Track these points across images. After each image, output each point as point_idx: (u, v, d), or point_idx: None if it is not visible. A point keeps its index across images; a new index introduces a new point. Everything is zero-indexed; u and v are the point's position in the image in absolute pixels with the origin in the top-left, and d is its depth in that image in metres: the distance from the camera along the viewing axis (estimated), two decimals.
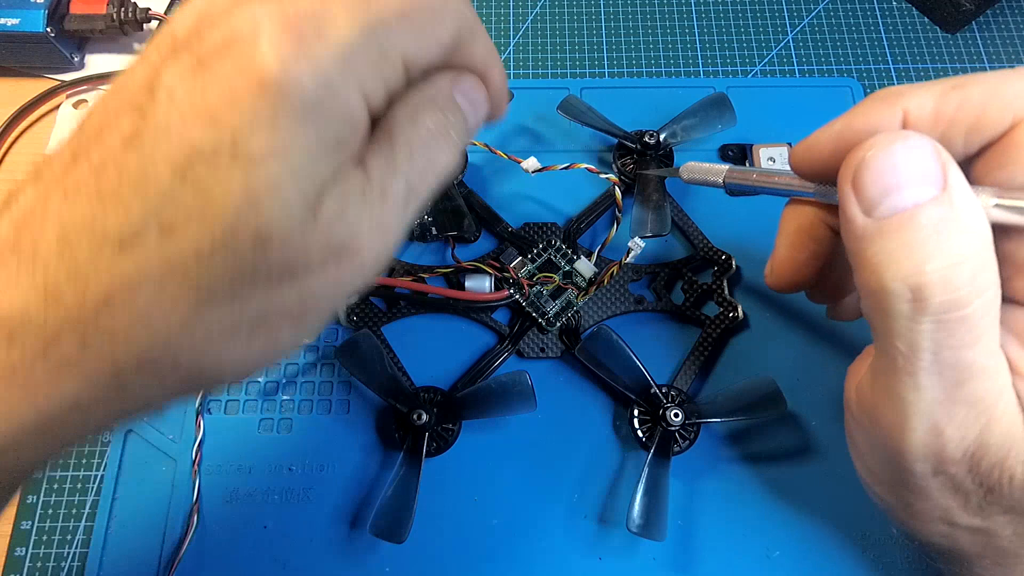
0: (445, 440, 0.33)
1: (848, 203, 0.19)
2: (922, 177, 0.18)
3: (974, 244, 0.18)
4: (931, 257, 0.18)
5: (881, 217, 0.18)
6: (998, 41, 0.46)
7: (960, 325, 0.18)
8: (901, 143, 0.18)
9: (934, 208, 0.18)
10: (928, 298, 0.18)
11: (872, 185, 0.18)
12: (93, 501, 0.34)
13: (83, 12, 0.43)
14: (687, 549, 0.33)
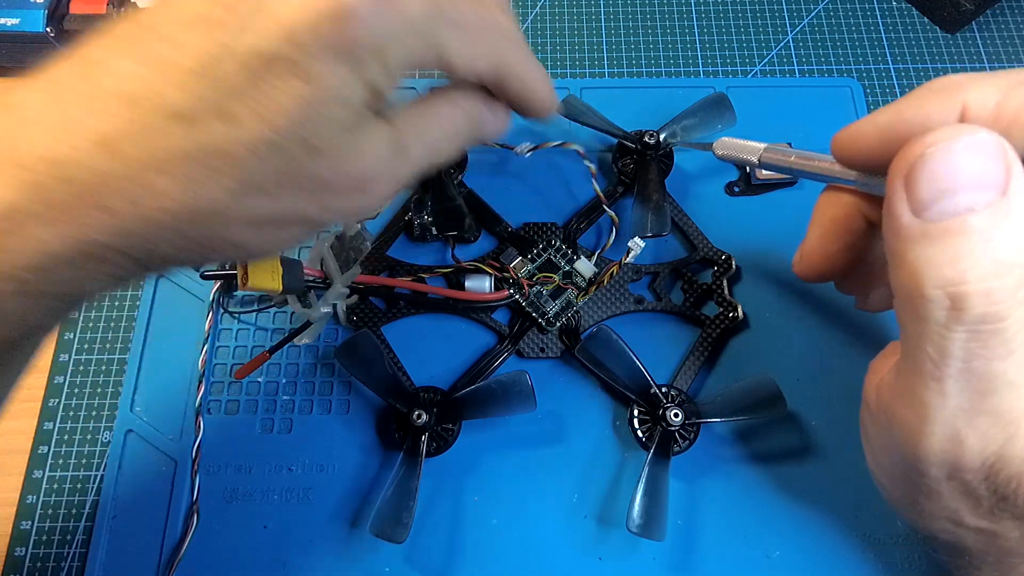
0: (445, 440, 0.33)
1: (896, 200, 0.18)
2: (982, 180, 0.17)
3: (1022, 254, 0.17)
4: (976, 267, 0.17)
5: (930, 220, 0.17)
6: (998, 41, 0.46)
7: (995, 337, 0.17)
8: (967, 139, 0.17)
9: (988, 215, 0.17)
10: (967, 309, 0.17)
11: (926, 185, 0.17)
12: (93, 501, 0.34)
13: (83, 12, 0.43)
14: (687, 549, 0.33)
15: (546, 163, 0.40)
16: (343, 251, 0.34)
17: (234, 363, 0.36)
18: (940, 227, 0.17)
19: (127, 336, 0.37)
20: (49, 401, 0.36)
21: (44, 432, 0.35)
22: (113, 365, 0.37)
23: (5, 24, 0.41)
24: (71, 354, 0.37)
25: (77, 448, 0.35)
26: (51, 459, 0.35)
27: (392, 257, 0.38)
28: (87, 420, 0.36)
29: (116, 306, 0.38)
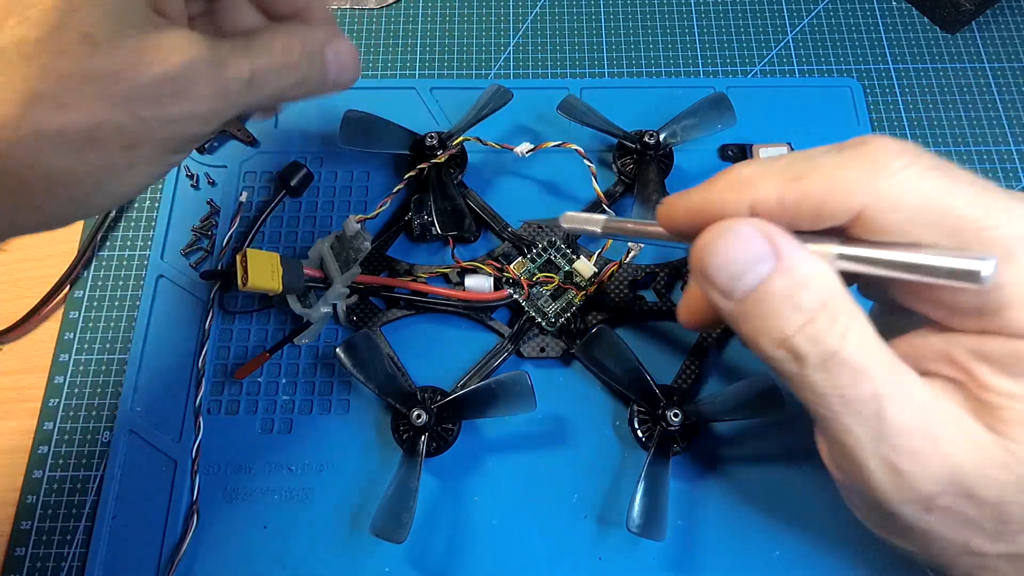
0: (445, 440, 0.33)
1: (710, 294, 0.21)
2: (756, 257, 0.20)
3: (822, 295, 0.19)
4: (789, 321, 0.19)
5: (740, 299, 0.20)
6: (998, 41, 0.46)
7: (842, 366, 0.19)
8: (724, 237, 0.20)
9: (778, 279, 0.19)
10: (804, 355, 0.19)
11: (719, 277, 0.20)
12: (93, 501, 0.34)
13: None
14: (687, 549, 0.33)
15: (546, 163, 0.40)
16: (343, 251, 0.35)
17: (234, 363, 0.36)
18: (748, 302, 0.20)
19: (127, 336, 0.37)
20: (49, 401, 0.36)
21: (44, 432, 0.35)
22: (113, 365, 0.37)
23: None
24: (71, 354, 0.37)
25: (77, 448, 0.35)
26: (51, 459, 0.35)
27: (392, 257, 0.38)
28: (87, 420, 0.36)
29: (116, 306, 0.38)
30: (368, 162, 0.41)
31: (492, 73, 0.44)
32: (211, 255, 0.39)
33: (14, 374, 0.37)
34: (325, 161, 0.41)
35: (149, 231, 0.40)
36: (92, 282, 0.39)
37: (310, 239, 0.39)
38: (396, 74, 0.44)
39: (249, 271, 0.31)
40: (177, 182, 0.40)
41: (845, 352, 0.19)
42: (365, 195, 0.40)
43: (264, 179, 0.41)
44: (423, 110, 0.42)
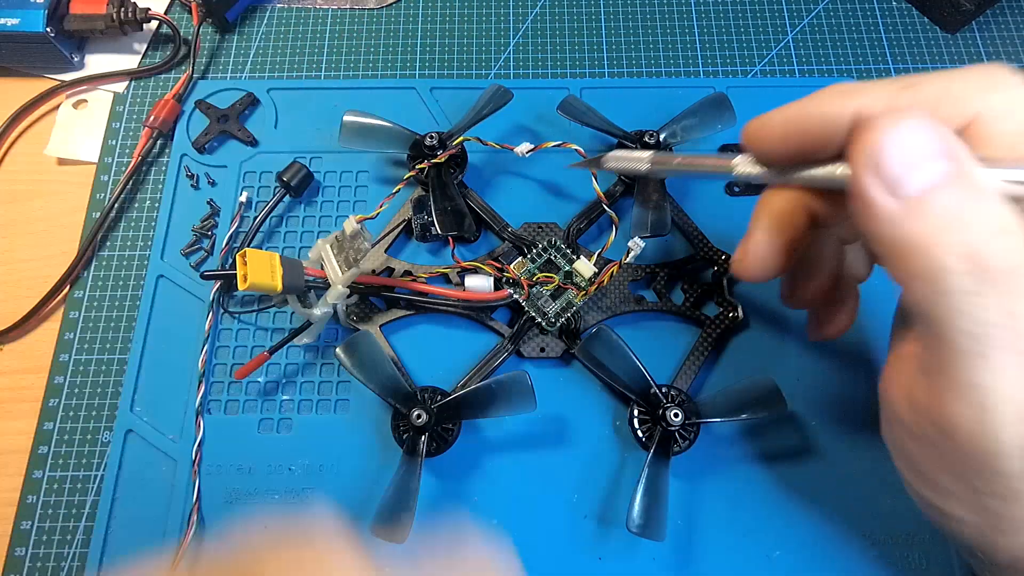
0: (445, 440, 0.33)
1: (870, 189, 0.18)
2: (938, 151, 0.18)
3: (1009, 213, 0.18)
4: (982, 228, 0.17)
5: (912, 196, 0.18)
6: (998, 41, 0.46)
7: (1010, 276, 0.17)
8: (908, 125, 0.18)
9: (962, 181, 0.18)
10: (992, 267, 0.17)
11: (891, 167, 0.18)
12: (93, 501, 0.34)
13: (83, 12, 0.43)
14: (687, 549, 0.33)
15: (546, 163, 0.40)
16: (343, 251, 0.34)
17: (234, 363, 0.36)
18: (924, 200, 0.18)
19: (127, 336, 0.37)
20: (49, 401, 0.36)
21: (44, 432, 0.35)
22: (113, 365, 0.37)
23: (5, 24, 0.41)
24: (71, 354, 0.37)
25: (77, 448, 0.35)
26: (51, 459, 0.35)
27: (392, 257, 0.38)
28: (87, 420, 0.36)
29: (116, 306, 0.38)
30: (368, 162, 0.41)
31: (492, 73, 0.44)
32: (211, 255, 0.39)
33: (14, 374, 0.37)
34: (325, 161, 0.41)
35: (149, 231, 0.40)
36: (92, 282, 0.39)
37: (310, 239, 0.39)
38: (396, 74, 0.44)
39: (249, 271, 0.31)
40: (177, 182, 0.40)
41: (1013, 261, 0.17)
42: (365, 195, 0.40)
43: (264, 179, 0.41)
44: (423, 110, 0.42)
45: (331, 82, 0.44)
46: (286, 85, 0.43)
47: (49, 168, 0.42)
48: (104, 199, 0.41)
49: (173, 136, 0.42)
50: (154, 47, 0.46)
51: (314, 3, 0.47)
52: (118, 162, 0.42)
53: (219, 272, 0.37)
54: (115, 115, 0.43)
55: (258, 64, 0.45)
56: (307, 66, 0.45)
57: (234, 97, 0.42)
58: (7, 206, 0.41)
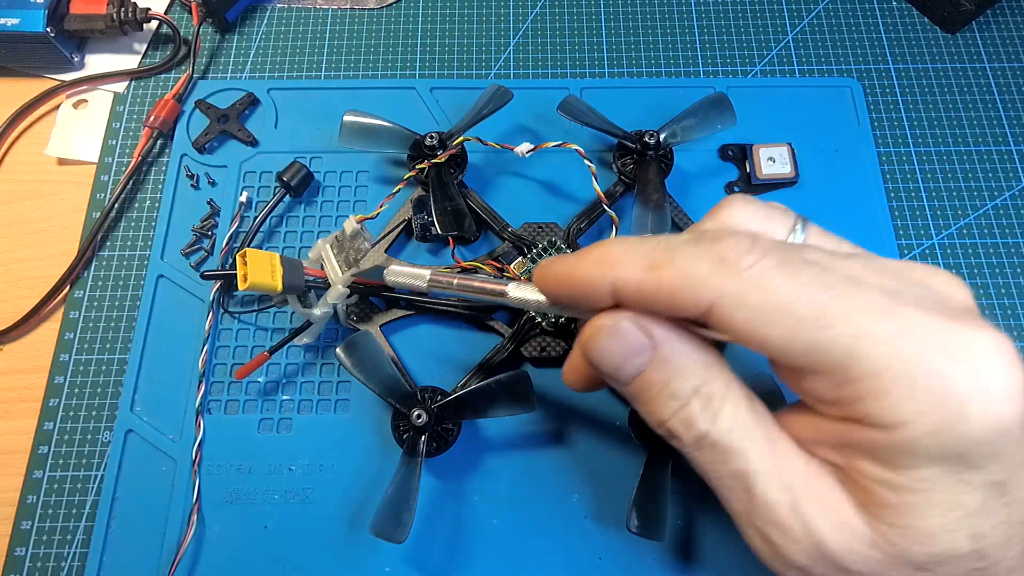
0: (445, 440, 0.33)
1: (606, 379, 0.23)
2: (633, 350, 0.21)
3: (695, 381, 0.21)
4: (665, 408, 0.21)
5: (627, 384, 0.22)
6: (998, 41, 0.46)
7: (712, 447, 0.21)
8: (603, 332, 0.22)
9: (654, 369, 0.21)
10: (678, 436, 0.21)
11: (605, 367, 0.22)
12: (93, 501, 0.34)
13: (83, 12, 0.43)
14: (687, 549, 0.33)
15: (546, 163, 0.40)
16: (343, 251, 0.34)
17: (234, 363, 0.36)
18: (634, 387, 0.22)
19: (127, 336, 0.37)
20: (49, 401, 0.36)
21: (44, 432, 0.35)
22: (113, 365, 0.37)
23: (5, 24, 0.41)
24: (71, 354, 0.37)
25: (77, 448, 0.35)
26: (51, 459, 0.35)
27: (392, 257, 0.38)
28: (87, 420, 0.36)
29: (116, 306, 0.38)
30: (368, 162, 0.41)
31: (492, 73, 0.44)
32: (211, 255, 0.39)
33: (14, 374, 0.37)
34: (325, 161, 0.41)
35: (149, 231, 0.40)
36: (92, 282, 0.39)
37: (310, 239, 0.39)
38: (396, 74, 0.44)
39: (249, 271, 0.31)
40: (177, 182, 0.40)
41: (715, 434, 0.21)
42: (365, 195, 0.40)
43: (264, 179, 0.41)
44: (423, 110, 0.42)
45: (331, 82, 0.44)
46: (286, 85, 0.43)
47: (49, 168, 0.42)
48: (104, 199, 0.41)
49: (173, 136, 0.42)
50: (154, 47, 0.46)
51: (314, 3, 0.47)
52: (118, 162, 0.42)
53: (219, 272, 0.37)
54: (115, 115, 0.43)
55: (258, 64, 0.45)
56: (307, 66, 0.45)
57: (234, 97, 0.42)
58: (7, 206, 0.41)
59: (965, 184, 0.42)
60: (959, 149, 0.42)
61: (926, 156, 0.42)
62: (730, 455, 0.21)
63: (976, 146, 0.42)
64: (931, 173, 0.42)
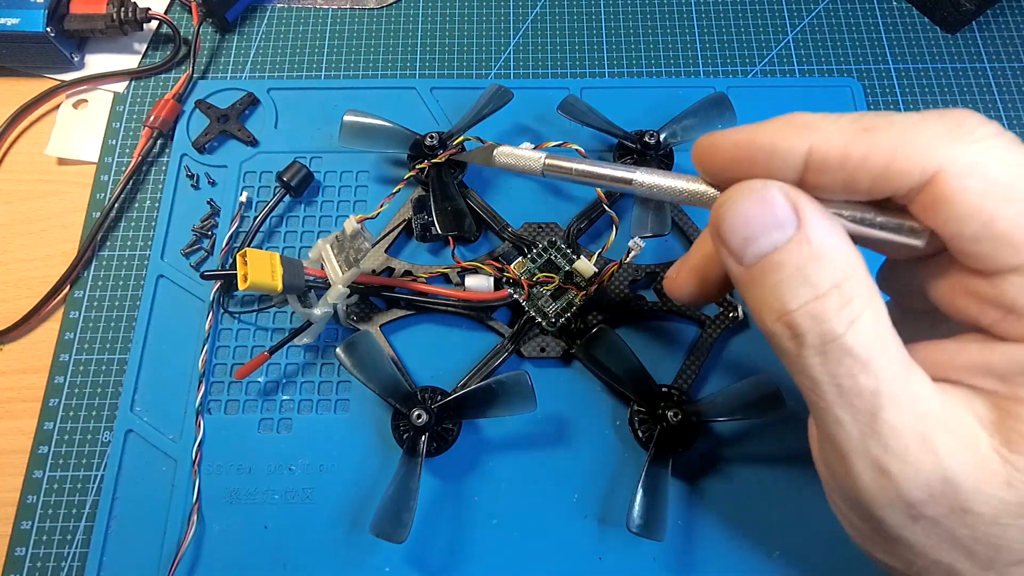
0: (445, 440, 0.33)
1: (723, 255, 0.20)
2: (775, 222, 0.19)
3: (836, 274, 0.18)
4: (795, 295, 0.18)
5: (750, 265, 0.19)
6: (998, 41, 0.46)
7: (844, 355, 0.18)
8: (746, 196, 0.19)
9: (793, 248, 0.18)
10: (802, 333, 0.18)
11: (732, 238, 0.19)
12: (93, 501, 0.34)
13: (83, 12, 0.43)
14: (687, 549, 0.33)
15: None
16: (343, 251, 0.34)
17: (234, 363, 0.36)
18: (758, 267, 0.19)
19: (127, 336, 0.37)
20: (49, 401, 0.36)
21: (44, 432, 0.35)
22: (113, 365, 0.37)
23: (5, 24, 0.41)
24: (71, 354, 0.37)
25: (77, 448, 0.35)
26: (51, 459, 0.35)
27: (392, 257, 0.38)
28: (87, 420, 0.36)
29: (116, 306, 0.38)
30: (368, 162, 0.41)
31: (492, 73, 0.44)
32: (211, 255, 0.39)
33: (14, 374, 0.37)
34: (325, 161, 0.41)
35: (149, 231, 0.40)
36: (92, 282, 0.39)
37: (310, 239, 0.39)
38: (396, 74, 0.44)
39: (249, 271, 0.31)
40: (177, 182, 0.40)
41: (849, 339, 0.18)
42: (365, 195, 0.40)
43: (264, 179, 0.41)
44: (423, 110, 0.42)
45: (331, 82, 0.44)
46: (286, 85, 0.43)
47: (49, 168, 0.42)
48: (104, 199, 0.41)
49: (173, 136, 0.42)
50: (154, 47, 0.46)
51: (314, 3, 0.47)
52: (118, 162, 0.42)
53: (219, 272, 0.37)
54: (115, 115, 0.43)
55: (258, 64, 0.45)
56: (307, 66, 0.45)
57: (234, 97, 0.42)
58: (7, 206, 0.41)
59: None
60: None
61: None
62: (862, 367, 0.18)
63: None
64: None
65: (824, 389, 0.18)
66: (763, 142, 0.20)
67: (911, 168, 0.18)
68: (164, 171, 0.41)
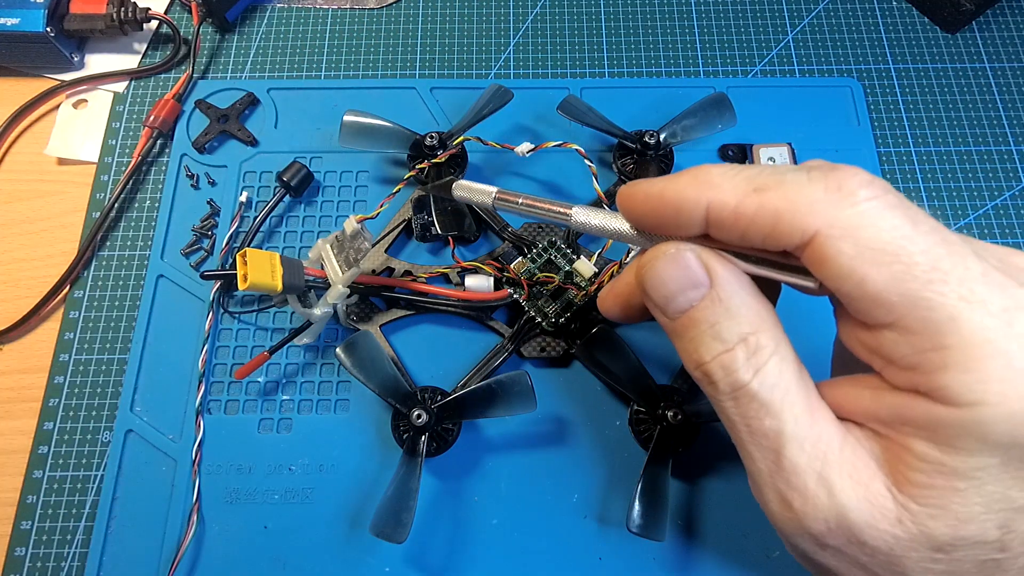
0: (445, 440, 0.33)
1: (650, 307, 0.22)
2: (690, 283, 0.21)
3: (744, 327, 0.20)
4: (708, 349, 0.20)
5: (673, 319, 0.21)
6: (998, 41, 0.46)
7: (751, 400, 0.20)
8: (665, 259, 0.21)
9: (706, 306, 0.20)
10: (716, 381, 0.20)
11: (655, 296, 0.22)
12: (93, 501, 0.34)
13: (83, 12, 0.43)
14: (687, 549, 0.33)
15: (546, 163, 0.40)
16: (343, 251, 0.34)
17: (234, 363, 0.36)
18: (679, 323, 0.21)
19: (127, 336, 0.37)
20: (49, 401, 0.36)
21: (44, 432, 0.35)
22: (113, 365, 0.37)
23: (5, 24, 0.41)
24: (71, 354, 0.37)
25: (77, 448, 0.35)
26: (51, 459, 0.35)
27: (392, 257, 0.38)
28: (87, 420, 0.36)
29: (116, 306, 0.38)
30: (368, 162, 0.41)
31: (492, 73, 0.44)
32: (211, 255, 0.39)
33: (14, 374, 0.37)
34: (325, 161, 0.41)
35: (149, 231, 0.40)
36: (92, 282, 0.39)
37: (310, 239, 0.39)
38: (396, 74, 0.44)
39: (249, 271, 0.31)
40: (177, 182, 0.40)
41: (755, 386, 0.20)
42: (365, 195, 0.40)
43: (264, 179, 0.41)
44: (423, 110, 0.42)
45: (331, 82, 0.44)
46: (286, 85, 0.43)
47: (49, 168, 0.42)
48: (104, 199, 0.41)
49: (173, 136, 0.42)
50: (154, 47, 0.46)
51: (314, 3, 0.47)
52: (118, 162, 0.42)
53: (219, 272, 0.37)
54: (115, 115, 0.43)
55: (258, 64, 0.45)
56: (307, 66, 0.45)
57: (234, 97, 0.42)
58: (7, 206, 0.41)
59: (965, 184, 0.42)
60: (959, 149, 0.42)
61: (926, 156, 0.42)
62: (766, 412, 0.20)
63: (976, 146, 0.42)
64: (931, 173, 0.42)
65: (738, 429, 0.21)
66: (670, 198, 0.21)
67: (792, 230, 0.19)
68: (164, 171, 0.41)
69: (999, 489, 0.18)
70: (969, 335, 0.17)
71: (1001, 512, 0.18)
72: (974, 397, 0.17)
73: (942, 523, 0.18)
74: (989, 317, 0.17)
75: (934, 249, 0.18)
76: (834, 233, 0.18)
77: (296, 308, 0.34)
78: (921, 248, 0.18)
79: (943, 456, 0.18)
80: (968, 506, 0.18)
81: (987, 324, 0.17)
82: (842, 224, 0.18)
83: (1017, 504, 0.18)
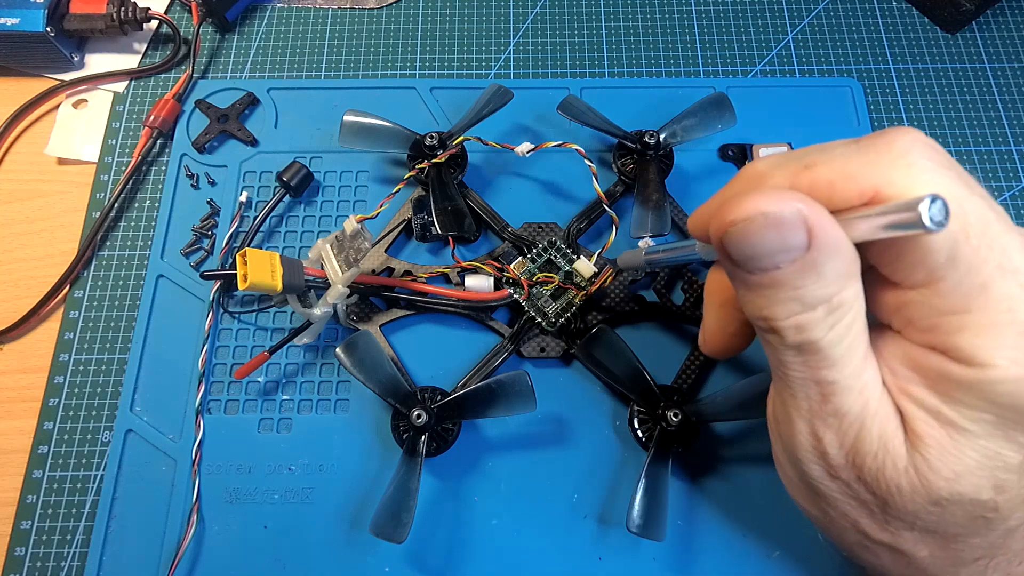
0: (445, 440, 0.33)
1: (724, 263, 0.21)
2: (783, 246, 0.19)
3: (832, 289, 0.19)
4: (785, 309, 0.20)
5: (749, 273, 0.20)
6: (998, 41, 0.46)
7: (815, 355, 0.20)
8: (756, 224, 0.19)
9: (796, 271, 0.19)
10: (786, 338, 0.20)
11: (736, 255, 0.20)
12: (93, 501, 0.34)
13: (83, 12, 0.43)
14: (687, 549, 0.33)
15: (546, 163, 0.40)
16: (343, 251, 0.34)
17: (234, 363, 0.36)
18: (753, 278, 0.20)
19: (127, 336, 0.37)
20: (49, 401, 0.36)
21: (44, 432, 0.35)
22: (113, 365, 0.37)
23: (5, 24, 0.41)
24: (71, 354, 0.37)
25: (77, 448, 0.35)
26: (51, 459, 0.35)
27: (392, 257, 0.38)
28: (87, 420, 0.36)
29: (116, 306, 0.38)
30: (368, 162, 0.41)
31: (492, 73, 0.44)
32: (211, 255, 0.39)
33: (14, 374, 0.37)
34: (325, 161, 0.41)
35: (149, 231, 0.40)
36: (92, 282, 0.39)
37: (310, 239, 0.39)
38: (396, 74, 0.44)
39: (249, 271, 0.31)
40: (177, 182, 0.40)
41: (824, 343, 0.20)
42: (365, 195, 0.40)
43: (264, 179, 0.41)
44: (423, 110, 0.42)
45: (331, 82, 0.44)
46: (286, 85, 0.43)
47: (49, 168, 0.42)
48: (104, 199, 0.41)
49: (173, 136, 0.42)
50: (154, 47, 0.46)
51: (314, 3, 0.47)
52: (118, 162, 0.42)
53: (219, 272, 0.37)
54: (115, 115, 0.43)
55: (258, 64, 0.45)
56: (307, 66, 0.45)
57: (234, 97, 0.42)
58: (7, 206, 0.41)
59: None
60: (959, 149, 0.42)
61: None
62: (828, 364, 0.20)
63: (976, 146, 0.42)
64: None
65: (790, 374, 0.21)
66: None
67: (849, 194, 0.19)
68: (164, 171, 0.41)
69: (991, 445, 0.19)
70: (994, 303, 0.18)
71: (995, 472, 0.19)
72: (985, 359, 0.18)
73: (940, 476, 0.20)
74: (1018, 288, 0.18)
75: (986, 213, 0.18)
76: (890, 192, 0.19)
77: (296, 308, 0.34)
78: (973, 208, 0.18)
79: (942, 406, 0.20)
80: (963, 459, 0.19)
81: (1013, 294, 0.18)
82: (897, 183, 0.18)
83: (1010, 463, 0.19)
